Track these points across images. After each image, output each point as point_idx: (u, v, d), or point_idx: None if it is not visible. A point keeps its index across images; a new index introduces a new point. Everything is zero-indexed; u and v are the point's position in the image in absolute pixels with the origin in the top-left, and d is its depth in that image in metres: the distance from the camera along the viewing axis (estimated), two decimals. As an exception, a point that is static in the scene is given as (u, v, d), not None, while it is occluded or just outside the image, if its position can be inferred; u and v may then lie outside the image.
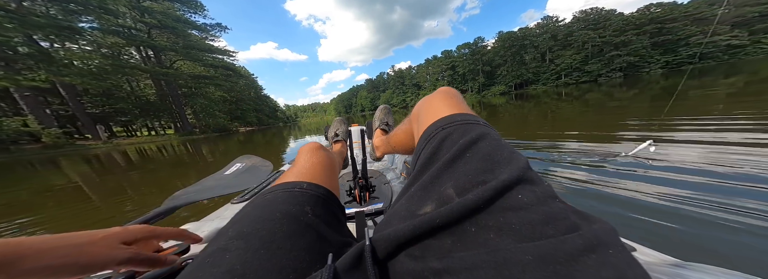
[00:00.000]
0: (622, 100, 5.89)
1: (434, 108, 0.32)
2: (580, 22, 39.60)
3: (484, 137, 0.24)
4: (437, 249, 0.17)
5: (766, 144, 1.58)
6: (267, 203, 0.28)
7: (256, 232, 0.23)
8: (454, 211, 0.17)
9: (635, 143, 1.81)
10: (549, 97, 11.42)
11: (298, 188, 0.31)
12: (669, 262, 0.27)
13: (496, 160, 0.21)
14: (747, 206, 0.96)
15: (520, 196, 0.17)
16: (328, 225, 0.28)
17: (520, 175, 0.19)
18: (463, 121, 0.27)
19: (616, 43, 36.65)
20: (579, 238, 0.14)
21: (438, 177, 0.22)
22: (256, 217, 0.25)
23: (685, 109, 3.28)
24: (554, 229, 0.15)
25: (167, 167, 4.67)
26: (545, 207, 0.17)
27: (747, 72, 8.99)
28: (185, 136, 20.58)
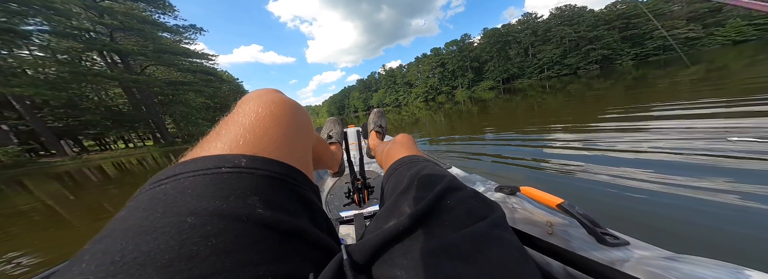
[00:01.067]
0: (600, 90, 6.24)
1: (393, 153, 0.43)
2: (557, 18, 40.39)
3: (423, 169, 0.33)
4: (401, 249, 0.22)
5: (731, 127, 1.56)
6: (162, 200, 0.15)
7: (145, 257, 0.12)
8: (410, 219, 0.23)
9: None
10: (534, 91, 11.48)
11: (229, 167, 0.18)
12: (662, 256, 0.27)
13: (432, 181, 0.29)
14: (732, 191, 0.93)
15: (448, 202, 0.25)
16: (297, 216, 0.19)
17: (446, 186, 0.27)
18: (409, 160, 0.38)
19: (590, 38, 37.93)
20: (487, 222, 0.22)
21: (396, 201, 0.29)
22: (142, 229, 0.14)
23: (666, 95, 3.33)
24: (472, 219, 0.23)
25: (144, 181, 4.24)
26: (465, 205, 0.25)
27: (705, 61, 9.30)
28: (167, 147, 18.59)
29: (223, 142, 0.20)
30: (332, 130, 0.79)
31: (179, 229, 0.13)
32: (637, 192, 1.07)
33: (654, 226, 0.87)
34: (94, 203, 2.92)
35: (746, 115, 1.80)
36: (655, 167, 1.24)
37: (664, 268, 0.23)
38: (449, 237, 0.21)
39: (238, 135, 0.20)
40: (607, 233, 0.32)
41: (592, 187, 1.19)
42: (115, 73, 17.36)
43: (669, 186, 1.06)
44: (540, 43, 42.18)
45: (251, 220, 0.15)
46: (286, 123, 0.24)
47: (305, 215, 0.20)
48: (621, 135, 1.91)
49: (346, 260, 0.19)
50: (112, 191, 3.54)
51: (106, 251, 0.12)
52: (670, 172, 1.16)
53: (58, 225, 2.15)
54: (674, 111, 2.32)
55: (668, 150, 1.40)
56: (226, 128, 0.22)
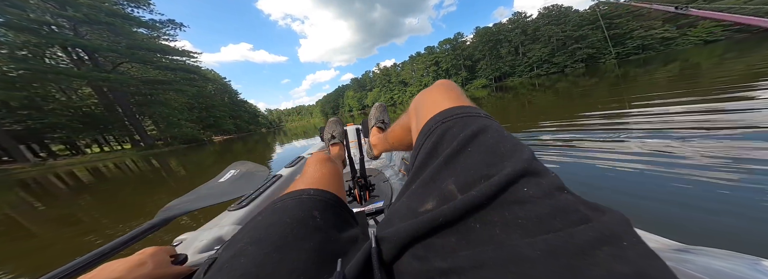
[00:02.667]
0: (585, 87, 6.42)
1: (433, 101, 0.30)
2: (545, 18, 40.81)
3: (485, 130, 0.22)
4: (441, 248, 0.16)
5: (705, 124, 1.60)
6: (277, 211, 0.28)
7: (267, 237, 0.23)
8: (457, 209, 0.16)
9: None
10: (525, 88, 11.82)
11: (306, 195, 0.31)
12: (673, 247, 0.25)
13: (499, 153, 0.20)
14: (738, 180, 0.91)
15: (525, 190, 0.16)
16: (337, 228, 0.28)
17: (524, 167, 0.18)
18: (463, 113, 0.25)
19: (576, 37, 38.61)
20: (589, 229, 0.13)
21: (438, 173, 0.21)
22: (268, 224, 0.25)
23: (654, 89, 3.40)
24: (562, 221, 0.14)
25: (120, 189, 3.89)
26: (552, 199, 0.16)
27: (680, 59, 9.79)
28: (146, 151, 17.10)
29: (304, 184, 0.35)
30: (335, 131, 0.78)
31: (283, 225, 0.25)
32: (633, 183, 1.06)
33: (657, 219, 0.83)
34: (25, 224, 2.57)
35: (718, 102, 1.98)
36: (651, 158, 1.22)
37: (677, 260, 0.21)
38: (521, 242, 0.14)
39: (309, 181, 0.36)
40: None
41: (587, 181, 1.16)
42: (82, 71, 15.68)
43: (667, 176, 1.03)
44: (530, 42, 42.46)
45: (313, 225, 0.26)
46: (331, 173, 0.41)
47: (340, 226, 0.29)
48: (608, 128, 1.95)
49: (374, 249, 0.19)
50: (59, 211, 2.90)
51: (250, 234, 0.24)
52: (667, 163, 1.13)
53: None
54: (652, 106, 2.39)
55: (658, 143, 1.40)
56: (303, 177, 0.39)
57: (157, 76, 20.50)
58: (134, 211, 2.46)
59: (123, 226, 1.94)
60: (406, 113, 0.41)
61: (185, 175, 4.72)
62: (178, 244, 0.51)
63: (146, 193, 3.25)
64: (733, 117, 1.63)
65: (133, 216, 2.26)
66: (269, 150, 7.24)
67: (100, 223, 2.22)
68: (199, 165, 6.23)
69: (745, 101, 1.97)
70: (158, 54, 19.82)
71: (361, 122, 0.89)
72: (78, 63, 17.12)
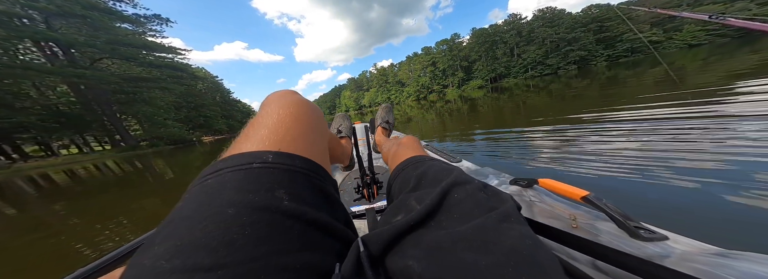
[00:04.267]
0: (578, 88, 6.62)
1: (399, 154, 0.43)
2: (539, 19, 40.96)
3: (430, 167, 0.33)
4: (411, 242, 0.21)
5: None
6: (208, 193, 0.18)
7: (199, 242, 0.14)
8: (419, 214, 0.23)
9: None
10: (520, 89, 12.00)
11: (258, 163, 0.20)
12: (710, 252, 0.24)
13: (438, 177, 0.29)
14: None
15: (456, 195, 0.24)
16: (319, 209, 0.20)
17: (452, 181, 0.26)
18: (415, 161, 0.37)
19: (569, 39, 38.91)
20: (496, 214, 0.21)
21: (404, 198, 0.29)
22: (195, 218, 0.16)
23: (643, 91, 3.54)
24: (480, 211, 0.22)
25: (94, 195, 3.41)
26: (473, 198, 0.24)
27: (667, 62, 10.18)
28: (128, 152, 16.05)
29: (252, 142, 0.22)
30: (341, 125, 0.78)
31: (222, 219, 0.15)
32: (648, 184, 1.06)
33: (690, 221, 0.81)
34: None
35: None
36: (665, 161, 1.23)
37: (716, 265, 0.20)
38: (458, 228, 0.20)
39: (263, 135, 0.22)
40: (640, 227, 0.29)
41: (604, 183, 1.17)
42: (55, 67, 14.55)
43: (692, 179, 1.02)
44: (524, 44, 42.72)
45: (279, 211, 0.17)
46: (306, 122, 0.26)
47: (325, 207, 0.21)
48: (600, 131, 2.01)
49: (363, 252, 0.20)
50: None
51: (170, 236, 0.14)
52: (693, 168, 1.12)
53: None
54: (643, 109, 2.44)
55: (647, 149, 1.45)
56: (253, 129, 0.24)
57: (141, 73, 19.34)
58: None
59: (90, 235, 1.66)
60: (388, 150, 0.52)
61: (170, 177, 4.26)
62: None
63: (109, 206, 2.71)
64: (713, 119, 1.74)
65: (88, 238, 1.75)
66: None
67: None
68: (185, 166, 5.77)
69: (722, 105, 2.08)
70: (143, 51, 18.72)
71: (370, 120, 0.91)
72: (52, 58, 15.93)
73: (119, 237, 1.60)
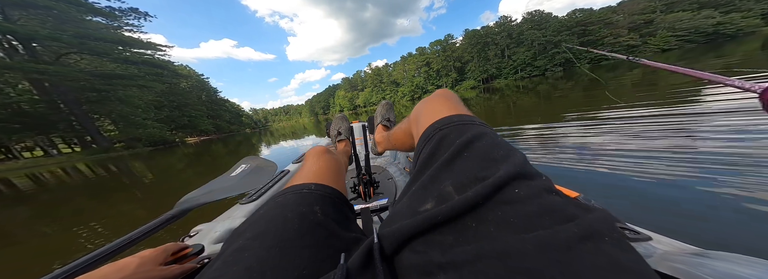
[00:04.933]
0: (563, 90, 7.03)
1: (432, 110, 0.31)
2: (528, 22, 42.02)
3: (480, 137, 0.24)
4: (439, 243, 0.17)
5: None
6: (279, 205, 0.28)
7: (269, 231, 0.23)
8: (455, 208, 0.17)
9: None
10: (510, 90, 12.39)
11: (306, 190, 0.31)
12: (689, 251, 0.24)
13: (493, 157, 0.21)
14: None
15: (516, 191, 0.18)
16: (338, 222, 0.28)
17: (516, 171, 0.19)
18: (459, 121, 0.27)
19: (555, 42, 40.31)
20: (574, 227, 0.14)
21: (437, 176, 0.22)
22: (270, 218, 0.26)
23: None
24: (550, 220, 0.15)
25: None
26: (541, 200, 0.17)
27: (642, 66, 11.91)
28: (98, 154, 14.86)
29: (304, 178, 0.35)
30: (341, 127, 0.78)
31: (285, 220, 0.25)
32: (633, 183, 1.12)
33: (673, 221, 0.85)
34: None
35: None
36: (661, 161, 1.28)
37: (693, 264, 0.21)
38: (513, 238, 0.15)
39: (309, 175, 0.36)
40: (626, 228, 0.29)
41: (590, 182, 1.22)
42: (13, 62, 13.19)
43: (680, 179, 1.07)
44: (515, 46, 43.65)
45: (314, 220, 0.26)
46: (334, 167, 0.41)
47: (343, 222, 0.29)
48: (584, 130, 2.19)
49: (376, 244, 0.19)
50: None
51: (254, 227, 0.25)
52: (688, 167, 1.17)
53: None
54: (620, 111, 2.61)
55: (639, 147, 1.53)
56: (303, 171, 0.38)
57: (116, 70, 18.00)
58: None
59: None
60: (407, 119, 0.44)
61: (149, 182, 3.87)
62: (195, 234, 0.53)
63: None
64: (683, 118, 1.91)
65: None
66: (254, 152, 6.52)
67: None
68: (164, 171, 5.21)
69: (693, 104, 2.34)
70: (119, 46, 17.40)
71: (367, 119, 0.89)
72: (11, 53, 14.47)
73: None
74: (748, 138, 1.35)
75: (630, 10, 40.69)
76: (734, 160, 1.13)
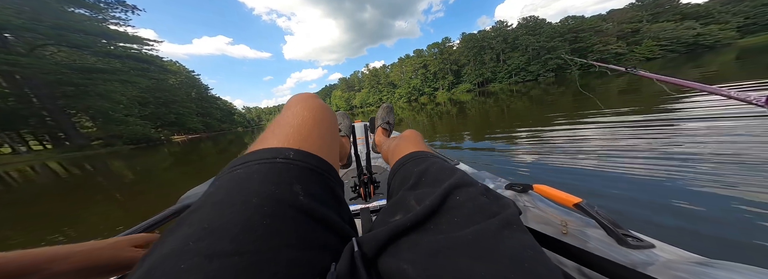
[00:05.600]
0: (555, 94, 7.30)
1: (400, 148, 0.41)
2: (523, 28, 42.88)
3: (432, 165, 0.31)
4: (408, 244, 0.20)
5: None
6: (236, 182, 0.19)
7: (224, 227, 0.15)
8: (418, 215, 0.21)
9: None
10: (504, 94, 12.74)
11: (281, 158, 0.22)
12: (692, 260, 0.24)
13: (441, 177, 0.27)
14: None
15: (458, 198, 0.23)
16: (328, 207, 0.22)
17: (456, 182, 0.24)
18: (416, 157, 0.35)
19: (548, 48, 41.29)
20: (497, 220, 0.20)
21: (404, 196, 0.27)
22: (224, 204, 0.17)
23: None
24: (482, 216, 0.21)
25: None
26: (475, 202, 0.22)
27: (629, 74, 13.03)
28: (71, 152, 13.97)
29: (277, 138, 0.24)
30: (341, 123, 0.78)
31: (247, 207, 0.17)
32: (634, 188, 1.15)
33: (679, 228, 0.85)
34: None
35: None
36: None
37: (696, 273, 0.21)
38: (458, 233, 0.19)
39: (288, 133, 0.25)
40: (628, 235, 0.29)
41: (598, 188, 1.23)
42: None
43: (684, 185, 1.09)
44: (509, 50, 44.56)
45: (295, 206, 0.19)
46: (325, 126, 0.29)
47: (333, 206, 0.23)
48: (564, 137, 2.32)
49: (357, 252, 0.20)
50: None
51: (200, 220, 0.16)
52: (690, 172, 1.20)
53: None
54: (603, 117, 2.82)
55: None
56: (278, 127, 0.26)
57: (97, 63, 17.16)
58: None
59: None
60: (388, 144, 0.51)
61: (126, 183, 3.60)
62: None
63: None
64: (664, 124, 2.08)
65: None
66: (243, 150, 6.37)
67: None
68: (148, 171, 4.74)
69: (673, 112, 2.48)
70: (103, 40, 16.60)
71: (369, 119, 0.92)
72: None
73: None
74: (731, 140, 1.48)
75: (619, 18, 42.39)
76: (714, 159, 1.25)
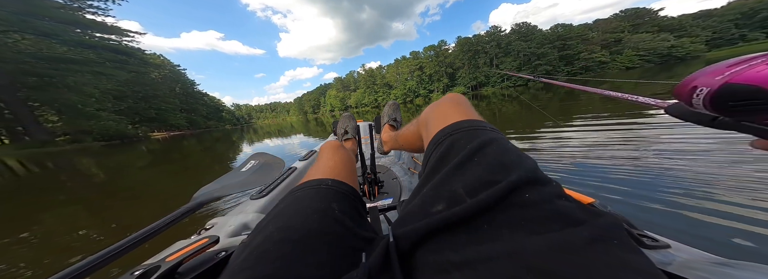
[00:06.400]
0: (543, 100, 7.47)
1: (443, 114, 0.32)
2: (516, 33, 43.96)
3: (491, 142, 0.24)
4: (453, 244, 0.18)
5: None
6: (298, 199, 0.29)
7: (292, 226, 0.24)
8: (468, 209, 0.18)
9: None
10: (497, 98, 13.12)
11: (324, 185, 0.32)
12: (713, 261, 0.23)
13: (503, 163, 0.21)
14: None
15: (527, 195, 0.18)
16: (353, 220, 0.28)
17: (527, 176, 0.19)
18: (470, 127, 0.27)
19: (539, 54, 42.67)
20: (585, 230, 0.15)
21: (448, 179, 0.22)
22: (291, 213, 0.26)
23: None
24: (561, 223, 0.16)
25: None
26: (552, 204, 0.18)
27: (608, 82, 12.26)
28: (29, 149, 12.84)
29: (321, 173, 0.36)
30: (348, 126, 0.80)
31: (304, 214, 0.25)
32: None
33: (693, 231, 0.84)
34: None
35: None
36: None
37: (718, 273, 0.20)
38: (524, 241, 0.15)
39: (325, 170, 0.37)
40: (643, 235, 0.28)
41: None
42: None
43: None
44: (502, 55, 45.49)
45: (333, 217, 0.26)
46: (348, 163, 0.42)
47: (356, 220, 0.29)
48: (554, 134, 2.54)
49: (392, 244, 0.20)
50: None
51: (278, 221, 0.25)
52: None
53: None
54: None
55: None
56: (320, 165, 0.39)
57: (67, 53, 16.02)
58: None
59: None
60: (416, 120, 0.44)
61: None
62: (211, 227, 0.57)
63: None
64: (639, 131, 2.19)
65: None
66: (234, 151, 5.79)
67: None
68: (119, 171, 4.28)
69: (647, 118, 2.62)
70: (77, 29, 15.55)
71: (374, 119, 0.93)
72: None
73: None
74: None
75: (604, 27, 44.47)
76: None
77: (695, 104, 0.20)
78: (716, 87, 0.18)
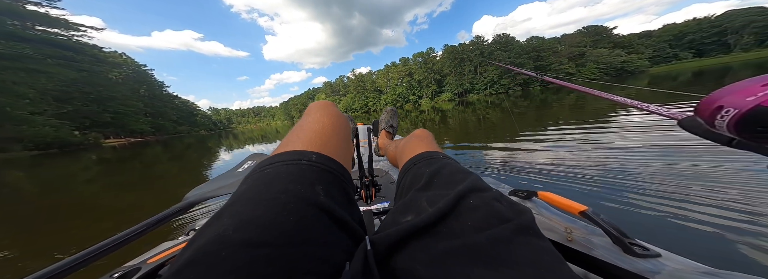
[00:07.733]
0: (522, 107, 7.89)
1: (411, 147, 0.40)
2: (497, 43, 46.94)
3: (444, 167, 0.31)
4: (420, 246, 0.21)
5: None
6: (267, 180, 0.22)
7: (255, 221, 0.17)
8: (430, 217, 0.22)
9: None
10: (481, 105, 13.71)
11: (305, 160, 0.24)
12: (700, 270, 0.24)
13: (454, 180, 0.27)
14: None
15: (471, 201, 0.23)
16: (342, 208, 0.23)
17: (471, 186, 0.25)
18: (429, 157, 0.35)
19: (517, 64, 45.91)
20: (512, 225, 0.20)
21: (415, 197, 0.27)
22: (255, 200, 0.19)
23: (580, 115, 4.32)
24: (496, 221, 0.21)
25: None
26: (489, 207, 0.23)
27: (576, 92, 15.52)
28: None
29: (301, 142, 0.27)
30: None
31: (276, 203, 0.19)
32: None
33: (685, 239, 0.86)
34: None
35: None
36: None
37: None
38: (471, 237, 0.19)
39: (310, 138, 0.28)
40: (635, 243, 0.29)
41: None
42: None
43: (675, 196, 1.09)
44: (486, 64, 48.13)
45: (316, 204, 0.20)
46: (342, 132, 0.33)
47: (347, 206, 0.24)
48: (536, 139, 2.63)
49: (370, 251, 0.20)
50: None
51: (236, 212, 0.19)
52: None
53: None
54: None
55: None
56: (301, 131, 0.30)
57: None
58: None
59: None
60: (395, 145, 0.53)
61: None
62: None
63: None
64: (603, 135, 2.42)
65: None
66: (210, 158, 5.16)
67: None
68: (53, 187, 3.48)
69: (606, 123, 2.89)
70: (14, 20, 13.21)
71: (372, 123, 0.95)
72: None
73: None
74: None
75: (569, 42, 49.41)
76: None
77: (718, 126, 0.19)
78: (746, 109, 0.16)
